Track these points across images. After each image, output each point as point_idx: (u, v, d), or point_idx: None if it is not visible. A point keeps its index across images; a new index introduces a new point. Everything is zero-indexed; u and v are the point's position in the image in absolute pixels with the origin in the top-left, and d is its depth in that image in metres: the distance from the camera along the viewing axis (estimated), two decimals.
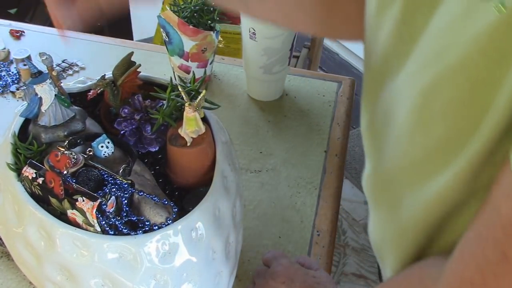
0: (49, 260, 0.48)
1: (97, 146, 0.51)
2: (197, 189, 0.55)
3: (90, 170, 0.50)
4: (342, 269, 1.80)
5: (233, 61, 1.06)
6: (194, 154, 0.54)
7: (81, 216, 0.47)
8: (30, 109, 0.54)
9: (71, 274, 0.48)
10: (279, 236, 0.74)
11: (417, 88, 0.38)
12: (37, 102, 0.54)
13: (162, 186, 0.56)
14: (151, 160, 0.58)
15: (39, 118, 0.54)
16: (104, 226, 0.47)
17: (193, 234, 0.49)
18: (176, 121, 0.54)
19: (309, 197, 0.79)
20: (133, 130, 0.56)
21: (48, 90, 0.53)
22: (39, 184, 0.48)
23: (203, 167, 0.55)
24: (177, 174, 0.56)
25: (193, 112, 0.51)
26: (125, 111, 0.56)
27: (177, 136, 0.54)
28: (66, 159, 0.48)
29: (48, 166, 0.48)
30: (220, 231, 0.52)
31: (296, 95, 0.98)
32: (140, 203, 0.51)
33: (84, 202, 0.46)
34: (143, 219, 0.49)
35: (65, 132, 0.54)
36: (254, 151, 0.86)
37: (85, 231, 0.47)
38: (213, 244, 0.51)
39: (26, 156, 0.52)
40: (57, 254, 0.47)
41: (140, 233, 0.47)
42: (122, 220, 0.48)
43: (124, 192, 0.49)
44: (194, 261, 0.50)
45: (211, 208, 0.51)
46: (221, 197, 0.52)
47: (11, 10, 1.87)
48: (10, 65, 1.01)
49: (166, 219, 0.50)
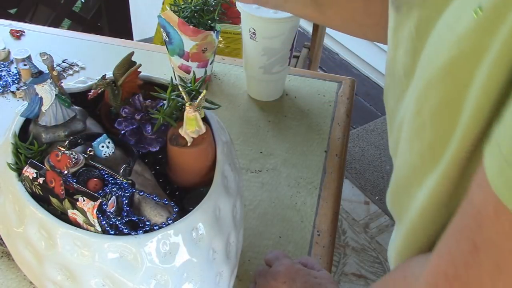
0: (50, 260, 0.48)
1: (98, 146, 0.51)
2: (197, 189, 0.55)
3: (91, 170, 0.50)
4: (342, 269, 1.80)
5: (233, 61, 1.06)
6: (195, 154, 0.54)
7: (81, 216, 0.47)
8: (31, 109, 0.54)
9: (71, 274, 0.48)
10: (279, 236, 0.74)
11: (414, 97, 0.39)
12: (38, 102, 0.54)
13: (162, 186, 0.56)
14: (151, 160, 0.58)
15: (40, 118, 0.54)
16: (105, 226, 0.47)
17: (193, 234, 0.49)
18: (177, 121, 0.54)
19: (309, 197, 0.79)
20: (134, 130, 0.56)
21: (49, 90, 0.53)
22: (40, 184, 0.48)
23: (204, 167, 0.55)
24: (177, 174, 0.56)
25: (194, 112, 0.51)
26: (125, 111, 0.56)
27: (178, 136, 0.54)
28: (67, 159, 0.48)
29: (48, 166, 0.48)
30: (220, 231, 0.52)
31: (296, 95, 0.98)
32: (141, 203, 0.51)
33: (84, 202, 0.46)
34: (144, 219, 0.49)
35: (66, 132, 0.54)
36: (254, 151, 0.86)
37: (86, 231, 0.47)
38: (213, 244, 0.51)
39: (27, 156, 0.52)
40: (58, 254, 0.47)
41: (141, 233, 0.47)
42: (123, 220, 0.48)
43: (125, 192, 0.49)
44: (194, 261, 0.50)
45: (211, 208, 0.51)
46: (221, 197, 0.52)
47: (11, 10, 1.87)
48: (11, 65, 1.01)
49: (166, 219, 0.50)
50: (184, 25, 0.83)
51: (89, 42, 1.10)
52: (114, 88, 0.58)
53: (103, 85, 0.56)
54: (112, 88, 0.57)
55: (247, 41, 0.89)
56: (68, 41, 1.10)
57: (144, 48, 1.09)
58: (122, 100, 0.58)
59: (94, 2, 2.01)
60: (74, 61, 1.03)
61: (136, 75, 0.59)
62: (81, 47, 1.08)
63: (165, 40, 0.89)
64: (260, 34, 0.85)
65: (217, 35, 0.88)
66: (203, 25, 0.86)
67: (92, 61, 1.04)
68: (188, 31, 0.84)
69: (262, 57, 0.89)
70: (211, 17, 0.86)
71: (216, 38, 0.88)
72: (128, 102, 0.58)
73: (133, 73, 0.58)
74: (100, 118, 0.61)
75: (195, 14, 0.85)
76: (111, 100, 0.58)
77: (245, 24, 0.87)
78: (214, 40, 0.88)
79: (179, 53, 0.88)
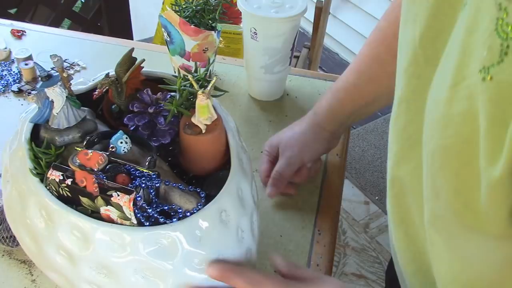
0: (85, 260, 0.48)
1: (116, 142, 0.51)
2: (214, 174, 0.57)
3: (116, 166, 0.50)
4: (342, 269, 1.80)
5: (234, 61, 1.06)
6: (210, 141, 0.56)
7: (116, 212, 0.47)
8: (41, 113, 0.53)
9: (109, 271, 0.49)
10: (280, 235, 0.74)
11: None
12: (48, 106, 0.53)
13: (178, 176, 0.57)
14: (163, 152, 0.59)
15: (51, 122, 0.54)
16: (140, 218, 0.48)
17: (223, 216, 0.51)
18: (188, 110, 0.56)
19: (310, 196, 0.80)
20: (146, 124, 0.57)
21: (60, 93, 0.52)
22: (68, 185, 0.48)
23: (218, 153, 0.57)
24: (192, 162, 0.58)
25: (206, 100, 0.52)
26: (136, 105, 0.57)
27: (191, 125, 0.55)
28: (98, 156, 0.48)
29: (77, 166, 0.48)
30: (245, 211, 0.54)
31: (297, 95, 0.99)
32: (167, 193, 0.52)
33: (119, 197, 0.47)
34: (175, 207, 0.50)
35: (80, 133, 0.54)
36: (255, 151, 0.86)
37: (122, 225, 0.48)
38: (240, 223, 0.53)
39: (46, 160, 0.51)
40: (94, 253, 0.48)
41: (176, 220, 0.49)
42: (156, 210, 0.49)
43: (154, 183, 0.50)
44: (226, 242, 0.51)
45: (235, 190, 0.53)
46: (241, 179, 0.54)
47: (11, 10, 1.87)
48: (12, 65, 1.01)
49: (196, 204, 0.51)
50: (185, 25, 0.83)
51: (90, 42, 1.10)
52: (118, 85, 0.58)
53: (107, 83, 0.56)
54: (116, 86, 0.58)
55: (248, 41, 0.89)
56: (69, 41, 1.10)
57: (144, 48, 1.09)
58: (126, 96, 0.58)
59: (94, 2, 2.01)
60: (75, 60, 1.03)
61: (139, 71, 0.59)
62: (82, 47, 1.08)
63: (166, 40, 0.89)
64: (261, 33, 0.86)
65: (218, 35, 0.88)
66: (204, 25, 0.86)
67: (93, 61, 1.04)
68: (189, 31, 0.84)
69: (263, 57, 0.89)
70: (212, 17, 0.86)
71: (217, 38, 0.88)
72: (133, 98, 0.58)
73: (136, 69, 0.58)
74: (103, 117, 0.61)
75: (196, 14, 0.86)
76: (115, 97, 0.58)
77: (246, 24, 0.87)
78: (215, 40, 0.88)
79: (180, 53, 0.88)
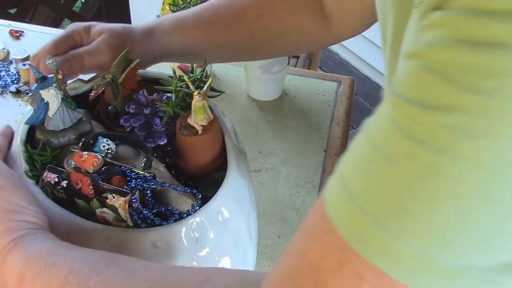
0: None
1: (100, 149, 0.52)
2: (211, 175, 0.57)
3: (112, 167, 0.50)
4: None
5: None
6: (207, 141, 0.55)
7: (111, 213, 0.47)
8: (36, 115, 0.53)
9: None
10: (278, 235, 0.74)
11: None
12: (44, 108, 0.53)
13: (175, 177, 0.57)
14: (160, 153, 0.59)
15: (46, 123, 0.54)
16: (136, 219, 0.47)
17: (219, 217, 0.50)
18: (184, 111, 0.55)
19: (309, 197, 0.79)
20: (142, 125, 0.57)
21: (55, 94, 0.52)
22: (63, 187, 0.48)
23: (215, 153, 0.57)
24: (189, 163, 0.57)
25: (202, 100, 0.52)
26: (132, 107, 0.57)
27: (187, 126, 0.55)
28: (93, 158, 0.48)
29: (72, 168, 0.48)
30: (242, 212, 0.54)
31: (295, 94, 0.98)
32: (163, 194, 0.52)
33: (115, 199, 0.46)
34: (171, 209, 0.50)
35: (75, 135, 0.54)
36: (254, 151, 0.86)
37: (118, 227, 0.47)
38: (237, 224, 0.53)
39: (42, 162, 0.51)
40: None
41: (172, 222, 0.48)
42: (152, 211, 0.49)
43: (149, 185, 0.49)
44: (223, 243, 0.51)
45: (232, 191, 0.52)
46: (238, 179, 0.54)
47: (11, 10, 1.87)
48: (10, 65, 1.01)
49: (192, 206, 0.51)
50: None
51: None
52: (114, 86, 0.58)
53: (103, 84, 0.56)
54: (112, 87, 0.57)
55: None
56: None
57: None
58: (123, 98, 0.58)
59: (94, 2, 2.01)
60: None
61: (135, 72, 0.59)
62: None
63: None
64: None
65: None
66: None
67: None
68: None
69: None
70: None
71: None
72: (129, 99, 0.58)
73: (133, 70, 0.58)
74: (99, 118, 0.61)
75: None
76: (112, 98, 0.58)
77: None
78: None
79: None
